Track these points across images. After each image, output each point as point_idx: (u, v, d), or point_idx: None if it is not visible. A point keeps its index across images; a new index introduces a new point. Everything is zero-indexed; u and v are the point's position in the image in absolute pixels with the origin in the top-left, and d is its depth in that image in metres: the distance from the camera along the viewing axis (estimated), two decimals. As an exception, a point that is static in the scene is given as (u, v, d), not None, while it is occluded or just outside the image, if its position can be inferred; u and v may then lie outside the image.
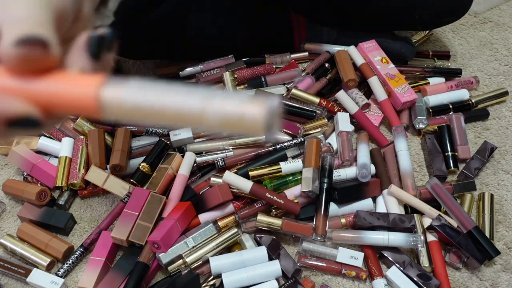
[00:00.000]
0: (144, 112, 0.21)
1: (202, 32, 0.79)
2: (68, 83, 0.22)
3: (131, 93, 0.21)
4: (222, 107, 0.20)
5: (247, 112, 0.19)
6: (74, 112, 0.22)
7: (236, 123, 0.20)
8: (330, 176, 0.65)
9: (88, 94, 0.21)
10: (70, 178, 0.68)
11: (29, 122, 0.21)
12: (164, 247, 0.59)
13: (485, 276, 0.61)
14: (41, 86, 0.22)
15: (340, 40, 0.84)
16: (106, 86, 0.21)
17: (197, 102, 0.20)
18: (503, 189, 0.69)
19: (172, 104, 0.20)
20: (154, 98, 0.20)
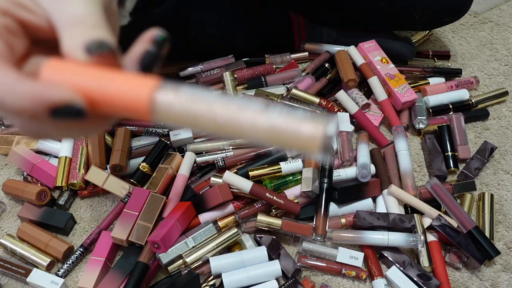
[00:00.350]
0: (196, 120, 0.21)
1: (202, 32, 0.79)
2: (122, 82, 0.21)
3: (185, 99, 0.21)
4: (278, 121, 0.19)
5: (305, 129, 0.19)
6: (123, 112, 0.22)
7: (291, 139, 0.19)
8: (330, 176, 0.65)
9: (142, 96, 0.21)
10: (70, 178, 0.68)
11: (73, 110, 0.21)
12: (164, 247, 0.59)
13: (485, 276, 0.61)
14: (94, 80, 0.21)
15: (340, 40, 0.84)
16: (160, 90, 0.21)
17: (252, 115, 0.20)
18: (503, 189, 0.69)
19: (226, 115, 0.20)
20: (209, 107, 0.20)
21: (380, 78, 0.77)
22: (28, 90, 0.20)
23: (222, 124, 0.20)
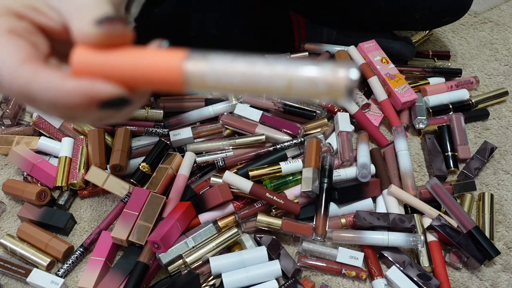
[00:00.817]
0: (229, 83, 0.22)
1: (202, 32, 0.79)
2: (152, 57, 0.23)
3: (216, 65, 0.22)
4: (307, 74, 0.21)
5: (331, 77, 0.21)
6: (158, 86, 0.23)
7: (321, 88, 0.21)
8: (330, 176, 0.65)
9: (173, 66, 0.22)
10: (70, 178, 0.68)
11: (120, 101, 0.23)
12: (164, 247, 0.59)
13: (485, 276, 0.61)
14: (126, 60, 0.23)
15: (340, 40, 0.84)
16: (189, 59, 0.22)
17: (283, 72, 0.21)
18: (503, 189, 0.69)
19: (259, 75, 0.21)
20: (240, 70, 0.22)
21: (380, 78, 0.77)
22: (75, 88, 0.22)
23: (254, 83, 0.22)
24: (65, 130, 0.73)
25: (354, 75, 0.21)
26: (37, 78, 0.23)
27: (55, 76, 0.23)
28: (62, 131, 0.73)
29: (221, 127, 0.72)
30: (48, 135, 0.73)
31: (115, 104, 0.23)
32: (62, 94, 0.22)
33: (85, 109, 0.23)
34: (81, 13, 0.23)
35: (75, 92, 0.22)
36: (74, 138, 0.72)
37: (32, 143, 0.72)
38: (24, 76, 0.23)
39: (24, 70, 0.23)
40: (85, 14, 0.23)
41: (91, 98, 0.22)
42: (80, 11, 0.24)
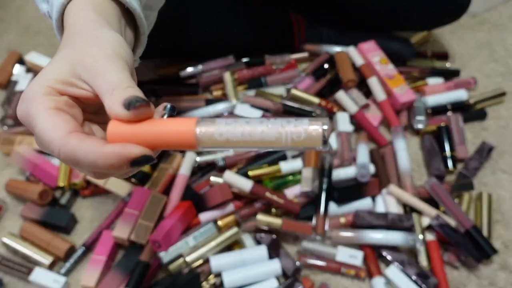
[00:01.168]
0: (231, 142, 0.28)
1: (202, 32, 0.79)
2: (170, 126, 0.29)
3: (220, 128, 0.28)
4: (292, 131, 0.28)
5: (310, 130, 0.27)
6: (176, 147, 0.29)
7: (303, 140, 0.28)
8: (329, 176, 0.66)
9: (188, 131, 0.28)
10: (72, 178, 0.68)
11: (146, 159, 0.29)
12: (165, 246, 0.60)
13: (483, 275, 0.62)
14: (150, 129, 0.29)
15: (340, 41, 0.84)
16: (200, 124, 0.28)
17: (274, 131, 0.28)
18: (501, 188, 0.70)
19: (255, 135, 0.28)
20: (240, 131, 0.28)
21: (379, 79, 0.77)
22: (112, 151, 0.28)
23: (251, 141, 0.28)
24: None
25: (326, 127, 0.28)
26: (81, 144, 0.29)
27: (96, 143, 0.29)
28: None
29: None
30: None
31: (143, 162, 0.29)
32: (101, 156, 0.28)
33: (119, 167, 0.29)
34: (111, 95, 0.29)
35: (112, 154, 0.28)
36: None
37: (34, 143, 0.72)
38: (71, 143, 0.29)
39: (71, 139, 0.29)
40: (115, 96, 0.29)
41: (124, 158, 0.28)
42: (110, 91, 0.29)
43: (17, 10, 1.02)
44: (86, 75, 0.31)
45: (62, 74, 0.31)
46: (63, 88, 0.31)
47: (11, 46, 0.94)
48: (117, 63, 0.32)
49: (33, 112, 0.30)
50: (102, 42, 0.33)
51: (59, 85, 0.31)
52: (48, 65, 0.32)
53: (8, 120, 0.77)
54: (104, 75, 0.31)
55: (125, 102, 0.29)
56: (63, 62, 0.32)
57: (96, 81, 0.31)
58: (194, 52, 0.82)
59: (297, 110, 0.74)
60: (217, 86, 0.81)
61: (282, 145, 0.28)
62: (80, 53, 0.32)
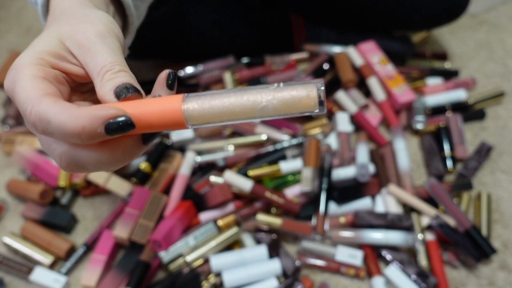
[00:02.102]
0: (221, 115, 0.26)
1: (202, 33, 0.80)
2: (157, 103, 0.27)
3: (208, 101, 0.26)
4: (286, 96, 0.26)
5: (303, 94, 0.25)
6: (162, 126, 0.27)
7: (298, 105, 0.26)
8: (329, 176, 0.66)
9: (175, 108, 0.26)
10: (73, 178, 0.69)
11: (123, 123, 0.26)
12: (165, 246, 0.60)
13: (482, 274, 0.62)
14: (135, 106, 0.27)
15: (339, 41, 0.84)
16: (186, 101, 0.27)
17: (261, 97, 0.26)
18: (500, 188, 0.70)
19: (247, 104, 0.26)
20: (227, 102, 0.26)
21: (379, 79, 0.78)
22: (86, 112, 0.26)
23: (241, 112, 0.26)
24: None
25: (321, 88, 0.26)
26: (55, 104, 0.26)
27: (71, 105, 0.26)
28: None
29: (222, 127, 0.73)
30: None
31: (119, 125, 0.26)
32: (72, 116, 0.25)
33: (91, 132, 0.25)
34: (103, 78, 0.28)
35: (84, 114, 0.25)
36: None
37: (36, 143, 0.72)
38: (44, 101, 0.26)
39: (46, 98, 0.26)
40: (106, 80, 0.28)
41: (97, 117, 0.25)
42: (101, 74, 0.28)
43: (18, 10, 1.02)
44: (77, 51, 0.29)
45: (53, 46, 0.29)
46: (55, 62, 0.29)
47: (12, 46, 0.94)
48: (109, 41, 0.30)
49: (17, 79, 0.27)
50: (92, 18, 0.31)
51: (50, 58, 0.29)
52: (37, 39, 0.30)
53: (9, 120, 0.77)
54: (95, 54, 0.29)
55: (116, 91, 0.27)
56: (53, 36, 0.30)
57: (87, 59, 0.29)
58: (194, 52, 0.83)
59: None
60: (217, 86, 0.81)
61: (277, 112, 0.26)
62: (69, 28, 0.30)
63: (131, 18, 0.39)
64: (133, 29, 0.41)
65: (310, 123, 0.74)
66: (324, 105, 0.26)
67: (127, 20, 0.40)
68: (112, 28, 0.31)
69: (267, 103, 0.26)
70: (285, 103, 0.26)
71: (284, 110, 0.26)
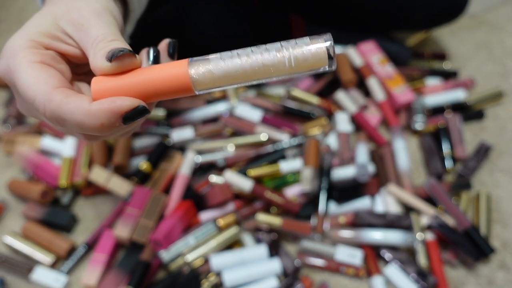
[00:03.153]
0: (232, 77, 0.25)
1: (202, 32, 0.80)
2: (160, 71, 0.26)
3: (216, 63, 0.25)
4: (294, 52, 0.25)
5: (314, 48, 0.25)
6: (170, 94, 0.26)
7: (308, 61, 0.25)
8: (329, 176, 0.66)
9: (181, 74, 0.25)
10: (73, 178, 0.69)
11: (140, 111, 0.26)
12: (165, 245, 0.60)
13: (481, 274, 0.62)
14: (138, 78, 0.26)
15: (339, 41, 0.85)
16: (192, 64, 0.26)
17: (274, 55, 0.25)
18: (499, 188, 0.71)
19: (255, 63, 0.24)
20: (238, 62, 0.25)
21: (378, 79, 0.78)
22: (100, 107, 0.25)
23: (252, 71, 0.25)
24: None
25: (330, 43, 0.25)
26: (67, 101, 0.25)
27: (83, 100, 0.26)
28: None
29: (222, 127, 0.73)
30: (52, 135, 0.74)
31: (136, 114, 0.26)
32: (89, 115, 0.25)
33: (110, 126, 0.26)
34: (95, 48, 0.27)
35: (100, 112, 0.25)
36: (77, 138, 0.72)
37: (36, 143, 0.73)
38: (56, 99, 0.25)
39: (56, 95, 0.26)
40: (98, 49, 0.26)
41: (115, 114, 0.25)
42: (94, 44, 0.27)
43: (19, 11, 1.03)
44: (71, 29, 0.28)
45: (46, 27, 0.29)
46: (48, 42, 0.28)
47: (13, 46, 0.94)
48: (104, 17, 0.29)
49: (15, 67, 0.27)
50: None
51: (43, 39, 0.28)
52: (30, 20, 0.29)
53: (10, 120, 0.77)
54: (89, 28, 0.28)
55: (108, 55, 0.26)
56: (47, 16, 0.29)
57: (81, 35, 0.28)
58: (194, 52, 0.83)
59: (297, 112, 0.75)
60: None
61: (286, 70, 0.25)
62: (64, 8, 0.29)
63: (131, 5, 0.39)
64: (134, 16, 0.40)
65: (310, 123, 0.74)
66: (333, 61, 0.25)
67: (128, 7, 0.39)
68: (107, 6, 0.30)
69: (279, 61, 0.25)
70: (297, 62, 0.25)
71: (294, 70, 0.25)
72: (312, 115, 0.74)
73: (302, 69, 0.25)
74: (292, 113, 0.75)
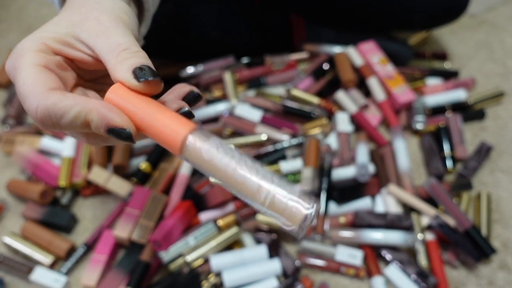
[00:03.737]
0: (213, 169, 0.25)
1: (202, 33, 0.80)
2: (166, 119, 0.26)
3: (211, 149, 0.25)
4: (277, 195, 0.24)
5: (292, 207, 0.24)
6: (159, 141, 0.27)
7: (280, 210, 0.24)
8: (329, 176, 0.66)
9: (179, 135, 0.26)
10: (73, 178, 0.69)
11: (124, 134, 0.26)
12: (165, 245, 0.60)
13: (481, 274, 0.62)
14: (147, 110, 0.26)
15: (340, 41, 0.85)
16: (194, 134, 0.26)
17: (259, 182, 0.24)
18: (500, 188, 0.70)
19: (239, 174, 0.24)
20: (225, 163, 0.25)
21: (379, 79, 0.78)
22: (96, 106, 0.26)
23: (232, 178, 0.25)
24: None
25: (311, 213, 0.24)
26: (64, 98, 0.26)
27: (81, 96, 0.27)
28: (65, 131, 0.74)
29: (222, 127, 0.73)
30: (51, 135, 0.74)
31: (119, 134, 0.26)
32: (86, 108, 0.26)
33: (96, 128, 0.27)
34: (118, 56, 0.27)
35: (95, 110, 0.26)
36: (76, 138, 0.72)
37: (36, 143, 0.72)
38: (52, 98, 0.26)
39: (51, 94, 0.27)
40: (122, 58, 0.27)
41: (104, 120, 0.26)
42: (116, 52, 0.27)
43: (18, 10, 1.03)
44: (87, 36, 0.29)
45: (60, 33, 0.29)
46: (58, 48, 0.29)
47: (13, 46, 0.94)
48: (121, 27, 0.29)
49: (18, 66, 0.28)
50: (104, 7, 0.30)
51: (54, 44, 0.29)
52: (45, 24, 0.30)
53: (9, 120, 0.77)
54: (108, 35, 0.28)
55: (135, 70, 0.27)
56: (62, 22, 0.30)
57: (98, 41, 0.28)
58: (194, 52, 0.83)
59: (297, 112, 0.74)
60: (217, 86, 0.81)
61: (259, 201, 0.24)
62: (81, 16, 0.30)
63: (146, 4, 0.39)
64: (149, 16, 0.41)
65: (310, 123, 0.74)
66: (304, 229, 0.24)
67: (142, 7, 0.40)
68: (124, 18, 0.31)
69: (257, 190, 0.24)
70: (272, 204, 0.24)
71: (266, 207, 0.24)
72: (312, 115, 0.74)
73: (273, 211, 0.24)
74: (292, 113, 0.75)
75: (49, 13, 0.99)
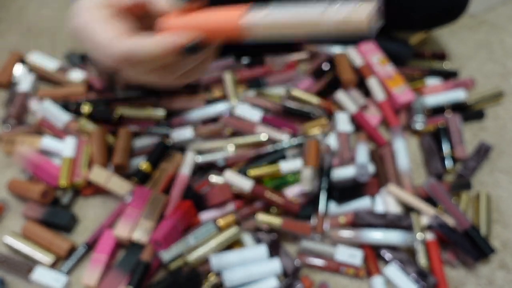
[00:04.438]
0: (280, 27, 0.29)
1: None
2: (219, 14, 0.32)
3: (269, 15, 0.30)
4: (338, 11, 0.28)
5: (354, 14, 0.27)
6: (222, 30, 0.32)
7: (349, 21, 0.28)
8: (329, 176, 0.66)
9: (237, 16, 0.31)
10: (73, 178, 0.69)
11: (198, 45, 0.32)
12: (165, 245, 0.60)
13: (481, 274, 0.62)
14: (200, 19, 0.32)
15: (340, 41, 0.85)
16: (249, 12, 0.31)
17: (318, 13, 0.28)
18: (499, 188, 0.71)
19: (300, 16, 0.29)
20: (287, 15, 0.29)
21: (379, 79, 0.78)
22: (164, 39, 0.32)
23: (296, 24, 0.29)
24: (68, 130, 0.74)
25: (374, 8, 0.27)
26: (137, 40, 0.32)
27: (150, 36, 0.32)
28: (66, 131, 0.74)
29: (222, 127, 0.73)
30: (52, 135, 0.74)
31: (196, 45, 0.32)
32: (159, 44, 0.32)
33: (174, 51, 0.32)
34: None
35: (164, 42, 0.32)
36: (77, 138, 0.72)
37: (36, 143, 0.73)
38: (126, 41, 0.32)
39: (124, 38, 0.32)
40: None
41: (177, 43, 0.32)
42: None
43: (19, 10, 1.03)
44: None
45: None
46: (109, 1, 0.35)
47: (13, 46, 0.94)
48: None
49: (85, 21, 0.33)
50: None
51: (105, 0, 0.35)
52: None
53: (10, 120, 0.77)
54: None
55: None
56: None
57: None
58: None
59: (297, 112, 0.75)
60: (217, 86, 0.81)
61: (326, 27, 0.28)
62: None
63: None
64: None
65: (310, 123, 0.74)
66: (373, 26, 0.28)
67: None
68: None
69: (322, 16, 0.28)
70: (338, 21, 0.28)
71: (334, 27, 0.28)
72: (312, 115, 0.74)
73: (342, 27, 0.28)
74: (292, 113, 0.75)
75: (49, 13, 0.99)
